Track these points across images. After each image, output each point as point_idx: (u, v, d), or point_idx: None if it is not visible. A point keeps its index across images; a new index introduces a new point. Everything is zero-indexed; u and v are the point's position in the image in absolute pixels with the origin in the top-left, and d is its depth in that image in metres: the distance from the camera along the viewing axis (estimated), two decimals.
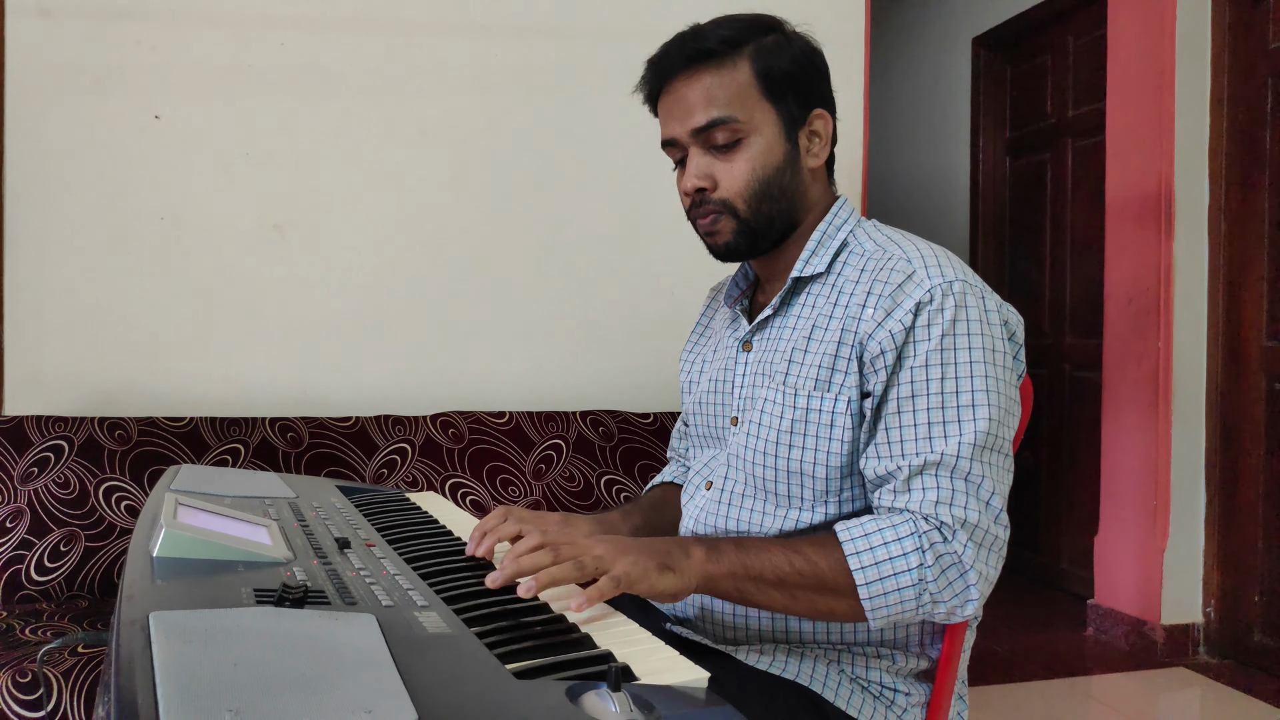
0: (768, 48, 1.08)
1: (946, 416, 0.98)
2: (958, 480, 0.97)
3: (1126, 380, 3.09)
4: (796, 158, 1.10)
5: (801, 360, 1.07)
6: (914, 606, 0.96)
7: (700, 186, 1.09)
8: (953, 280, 1.01)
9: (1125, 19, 3.11)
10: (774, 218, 1.10)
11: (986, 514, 0.97)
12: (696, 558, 0.94)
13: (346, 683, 0.58)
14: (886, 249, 1.08)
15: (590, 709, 0.60)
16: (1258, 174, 2.83)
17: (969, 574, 0.95)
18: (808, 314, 1.10)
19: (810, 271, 1.11)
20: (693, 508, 1.19)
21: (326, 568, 0.89)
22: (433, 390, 2.36)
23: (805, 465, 1.06)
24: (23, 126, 2.16)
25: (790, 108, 1.09)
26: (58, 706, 1.49)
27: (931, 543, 0.95)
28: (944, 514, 0.96)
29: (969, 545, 0.95)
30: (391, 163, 2.35)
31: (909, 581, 0.94)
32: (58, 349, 2.18)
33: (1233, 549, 2.90)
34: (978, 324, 1.00)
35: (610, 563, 0.88)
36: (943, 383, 0.99)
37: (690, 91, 1.07)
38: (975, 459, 0.97)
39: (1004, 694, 2.66)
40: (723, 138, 1.07)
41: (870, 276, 1.05)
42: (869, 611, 0.96)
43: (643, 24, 2.48)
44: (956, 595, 0.96)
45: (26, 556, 1.88)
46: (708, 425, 1.22)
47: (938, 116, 4.41)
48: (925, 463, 0.97)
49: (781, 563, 0.96)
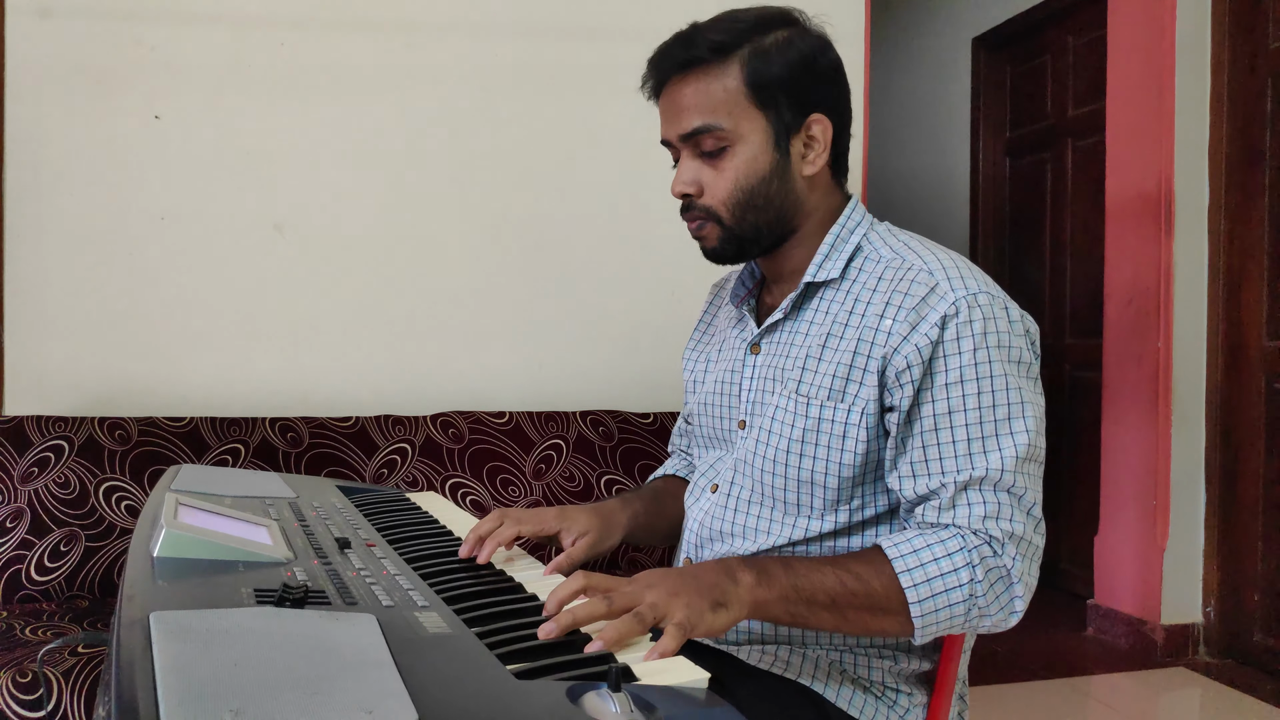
0: (763, 51, 1.05)
1: (986, 432, 0.98)
2: (1002, 494, 0.97)
3: (1126, 380, 3.09)
4: (786, 166, 1.07)
5: (815, 369, 1.06)
6: (962, 621, 0.96)
7: (686, 192, 1.09)
8: (977, 292, 1.00)
9: (1125, 19, 3.11)
10: (760, 226, 1.08)
11: (1030, 525, 0.98)
12: (746, 584, 0.91)
13: (347, 683, 0.58)
14: (905, 257, 1.06)
15: (590, 709, 0.60)
16: (1258, 174, 2.83)
17: (1015, 586, 0.96)
18: (821, 320, 1.08)
19: (824, 277, 1.09)
20: (697, 510, 1.18)
21: (327, 568, 0.89)
22: (433, 390, 2.36)
23: (816, 475, 1.05)
24: (23, 126, 2.16)
25: (782, 114, 1.06)
26: (58, 706, 1.49)
27: (982, 557, 0.95)
28: (992, 528, 0.96)
29: (1017, 558, 0.96)
30: (391, 163, 2.35)
31: (960, 598, 0.94)
32: (58, 349, 2.18)
33: (1233, 549, 2.90)
34: (1006, 335, 1.00)
35: (665, 608, 0.83)
36: (979, 397, 0.98)
37: (682, 96, 1.06)
38: (1018, 471, 0.98)
39: (1004, 694, 2.66)
40: (709, 145, 1.06)
41: (889, 286, 1.03)
42: (919, 629, 0.95)
43: (642, 24, 2.48)
44: (1003, 608, 0.97)
45: (26, 556, 1.88)
46: (713, 427, 1.20)
47: (938, 116, 4.41)
48: (970, 479, 0.97)
49: (833, 583, 0.94)
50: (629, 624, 0.79)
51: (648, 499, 1.29)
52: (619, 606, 0.81)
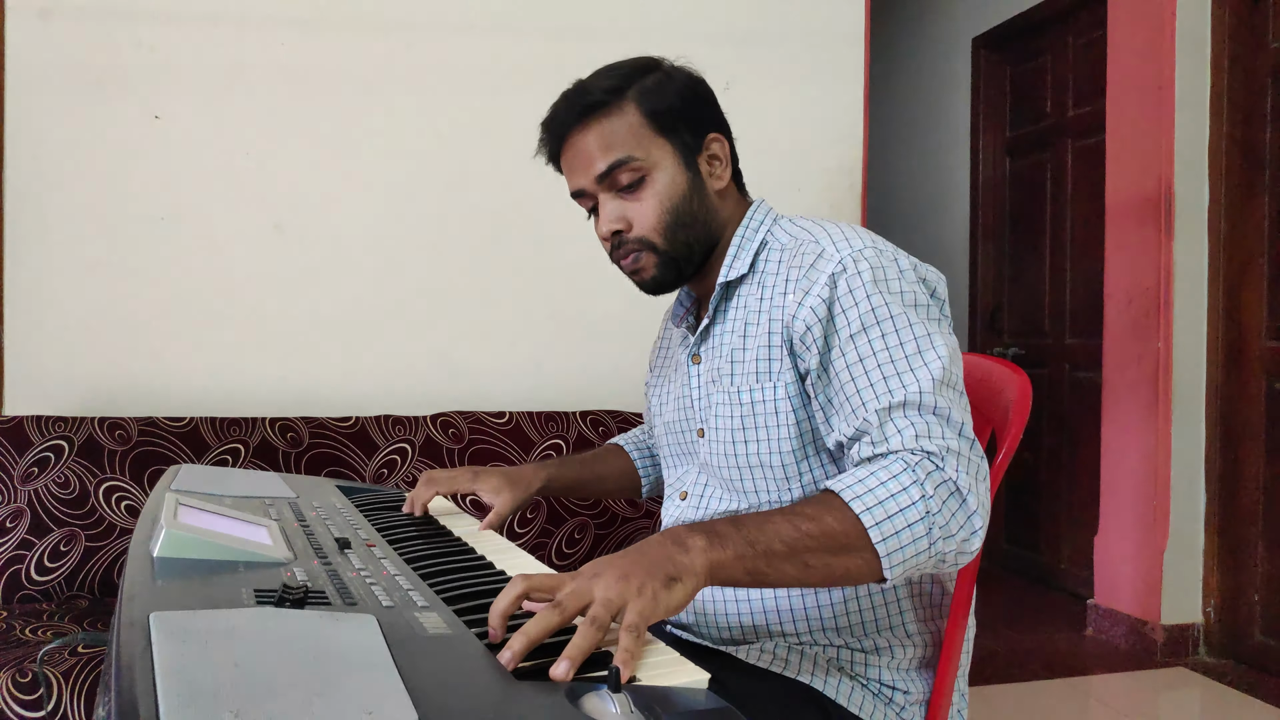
0: (650, 88, 1.11)
1: (899, 368, 0.99)
2: (928, 415, 0.97)
3: (1126, 380, 3.09)
4: (700, 184, 1.14)
5: (741, 359, 1.11)
6: (926, 545, 0.92)
7: (616, 229, 1.13)
8: (862, 248, 1.05)
9: (1125, 19, 3.11)
10: (692, 244, 1.14)
11: (964, 442, 0.96)
12: (697, 548, 0.85)
13: (347, 683, 0.58)
14: (798, 237, 1.12)
15: (591, 710, 0.60)
16: (1258, 174, 2.83)
17: (969, 499, 0.93)
18: (740, 314, 1.14)
19: (735, 275, 1.14)
20: (668, 517, 1.24)
21: (327, 568, 0.89)
22: (433, 390, 2.36)
23: (762, 457, 1.10)
24: (23, 127, 2.16)
25: (684, 138, 1.12)
26: (58, 706, 1.49)
27: (927, 472, 0.92)
28: (927, 445, 0.95)
29: (960, 471, 0.94)
30: (391, 163, 2.35)
31: (917, 515, 0.90)
32: (58, 349, 2.18)
33: (1233, 549, 2.90)
34: (897, 282, 1.04)
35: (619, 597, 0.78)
36: (884, 338, 1.01)
37: (586, 143, 1.11)
38: (938, 394, 0.98)
39: (1004, 694, 2.66)
40: (626, 178, 1.10)
41: (787, 266, 1.10)
42: (884, 558, 0.90)
43: (643, 24, 2.48)
44: (961, 526, 0.93)
45: (26, 556, 1.88)
46: (678, 443, 1.25)
47: (938, 116, 4.41)
48: (891, 404, 0.97)
49: (787, 530, 0.89)
50: (588, 636, 0.73)
51: (573, 462, 1.45)
52: (571, 610, 0.76)
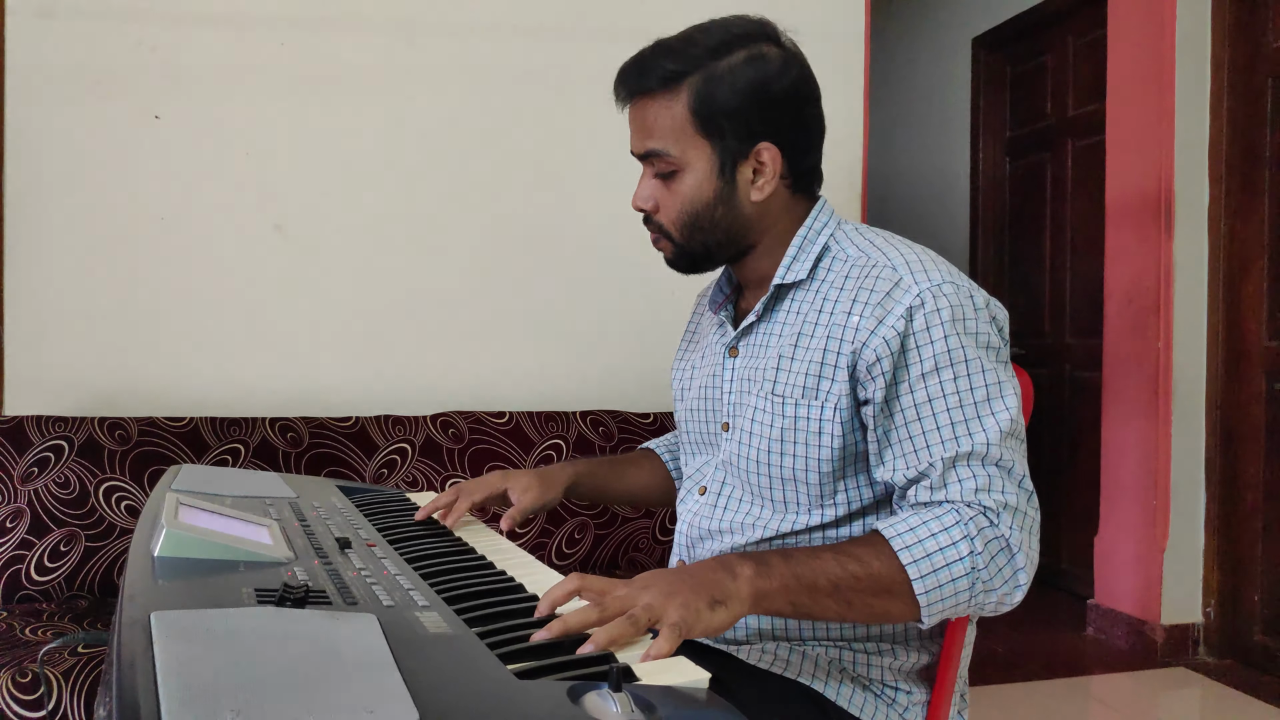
0: (714, 78, 1.05)
1: (968, 414, 0.99)
2: (991, 467, 0.97)
3: (1126, 380, 3.09)
4: (732, 193, 1.09)
5: (789, 368, 1.08)
6: (967, 598, 0.94)
7: (643, 208, 1.14)
8: (941, 283, 1.02)
9: (1125, 19, 3.11)
10: (710, 245, 1.13)
11: (1023, 496, 0.98)
12: (744, 576, 0.88)
13: (348, 683, 0.58)
14: (869, 254, 1.08)
15: (591, 709, 0.60)
16: (1258, 174, 2.83)
17: (1017, 557, 0.95)
18: (793, 321, 1.10)
19: (792, 278, 1.11)
20: (686, 512, 1.21)
21: (327, 568, 0.89)
22: (433, 390, 2.36)
23: (797, 472, 1.07)
24: (23, 126, 2.16)
25: (728, 143, 1.07)
26: (58, 706, 1.49)
27: (980, 528, 0.94)
28: (985, 500, 0.95)
29: (1014, 529, 0.95)
30: (391, 163, 2.35)
31: (962, 571, 0.93)
32: (58, 349, 2.18)
33: (1233, 549, 2.90)
34: (974, 322, 1.02)
35: (661, 610, 0.82)
36: (956, 382, 0.99)
37: (638, 116, 1.11)
38: (1004, 446, 0.98)
39: (1004, 694, 2.66)
40: (661, 167, 1.10)
41: (855, 284, 1.06)
42: (924, 607, 0.93)
43: (642, 24, 2.47)
44: (1006, 582, 0.95)
45: (26, 556, 1.88)
46: (700, 432, 1.23)
47: (938, 116, 4.41)
48: (958, 454, 0.97)
49: (834, 569, 0.92)
50: (622, 627, 0.78)
51: (603, 462, 1.42)
52: (612, 611, 0.80)
